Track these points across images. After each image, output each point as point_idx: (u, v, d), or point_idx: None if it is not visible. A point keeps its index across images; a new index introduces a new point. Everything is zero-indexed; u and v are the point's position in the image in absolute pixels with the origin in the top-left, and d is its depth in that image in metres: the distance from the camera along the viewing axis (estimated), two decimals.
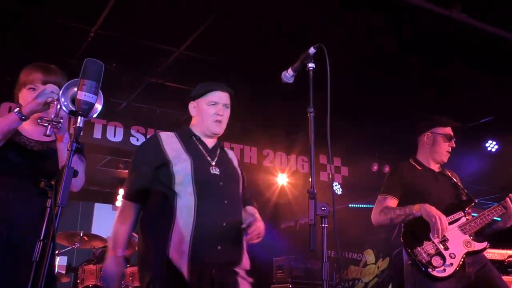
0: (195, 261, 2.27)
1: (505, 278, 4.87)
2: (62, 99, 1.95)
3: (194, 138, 2.59)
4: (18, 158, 2.34)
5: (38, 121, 2.21)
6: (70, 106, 1.95)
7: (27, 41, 4.97)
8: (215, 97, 2.62)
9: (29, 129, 2.41)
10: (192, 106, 2.69)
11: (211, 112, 2.58)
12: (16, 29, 4.75)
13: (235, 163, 2.73)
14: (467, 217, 3.20)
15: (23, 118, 2.16)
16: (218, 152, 2.62)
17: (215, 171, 2.49)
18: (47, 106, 2.17)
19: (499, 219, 3.25)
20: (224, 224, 2.39)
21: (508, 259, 4.68)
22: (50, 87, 2.23)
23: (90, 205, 9.67)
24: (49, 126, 2.15)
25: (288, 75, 2.27)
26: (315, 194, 1.87)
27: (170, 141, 2.53)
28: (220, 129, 2.62)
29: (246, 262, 2.49)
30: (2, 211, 2.27)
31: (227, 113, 2.64)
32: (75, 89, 1.96)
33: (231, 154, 2.77)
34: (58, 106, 2.09)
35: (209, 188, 2.42)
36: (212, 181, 2.45)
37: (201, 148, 2.57)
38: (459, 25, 4.35)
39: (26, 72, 2.44)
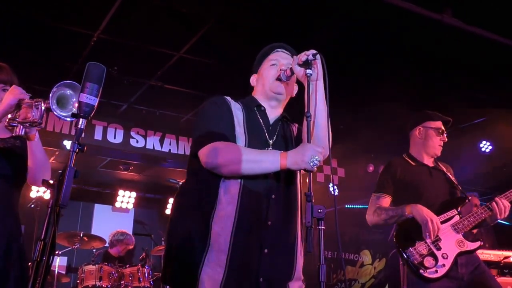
0: (234, 256, 2.00)
1: (501, 279, 4.86)
2: (51, 101, 2.01)
3: (256, 110, 2.30)
4: None
5: (7, 121, 2.24)
6: (57, 107, 2.01)
7: (30, 46, 5.02)
8: (274, 57, 2.36)
9: None
10: (253, 79, 2.43)
11: (271, 72, 2.31)
12: (19, 33, 4.80)
13: (294, 137, 2.39)
14: (460, 216, 3.16)
15: None
16: (278, 127, 2.31)
17: None
18: (18, 107, 2.22)
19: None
20: (269, 223, 2.09)
21: (504, 260, 4.65)
22: (18, 88, 2.26)
23: (90, 206, 9.68)
24: (21, 127, 2.20)
25: (287, 74, 2.23)
26: (312, 196, 1.86)
27: (235, 108, 2.25)
28: (282, 88, 2.29)
29: (298, 273, 2.18)
30: None
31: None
32: (64, 91, 2.03)
33: (294, 128, 2.44)
34: (43, 108, 2.13)
35: (256, 177, 2.09)
36: None
37: (262, 123, 2.27)
38: (450, 29, 4.39)
39: None
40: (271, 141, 2.24)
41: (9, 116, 2.25)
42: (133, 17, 4.56)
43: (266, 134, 2.25)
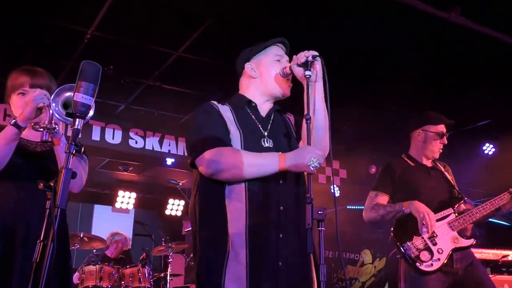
0: (253, 253, 2.00)
1: (499, 277, 4.98)
2: (53, 105, 1.99)
3: (247, 107, 2.27)
4: (21, 159, 2.36)
5: (33, 125, 2.23)
6: (62, 110, 1.99)
7: (24, 43, 4.96)
8: (279, 51, 2.32)
9: (26, 132, 2.41)
10: (249, 68, 2.31)
11: (277, 69, 2.26)
12: (12, 31, 4.74)
13: (292, 127, 2.38)
14: (456, 214, 3.28)
15: (21, 128, 2.20)
16: (272, 118, 2.30)
17: (267, 143, 2.18)
18: (40, 112, 2.19)
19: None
20: (281, 208, 2.09)
21: (502, 259, 4.77)
22: (40, 92, 2.24)
23: (90, 207, 9.68)
24: (44, 132, 2.19)
25: (286, 72, 2.22)
26: (312, 199, 1.86)
27: (224, 111, 2.22)
28: (289, 91, 2.30)
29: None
30: (18, 211, 2.31)
31: None
32: (66, 94, 2.00)
33: (290, 118, 2.43)
34: (51, 112, 2.11)
35: None
36: None
37: (254, 118, 2.25)
38: (457, 27, 4.36)
39: (13, 77, 2.45)
40: (265, 133, 2.22)
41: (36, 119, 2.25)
42: (129, 14, 4.50)
43: (260, 127, 2.23)
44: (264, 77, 2.29)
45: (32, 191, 2.35)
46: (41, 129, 2.19)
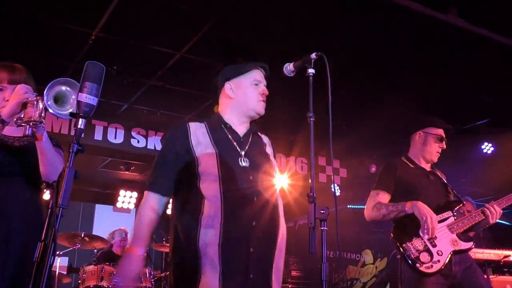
0: (226, 265, 2.06)
1: (501, 277, 4.96)
2: (45, 98, 2.00)
3: (224, 127, 2.34)
4: (0, 155, 2.34)
5: (14, 120, 2.21)
6: (53, 104, 2.01)
7: (29, 45, 5.00)
8: (258, 76, 2.41)
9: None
10: (228, 87, 2.39)
11: (255, 91, 2.37)
12: (17, 32, 4.78)
13: (268, 149, 2.48)
14: (455, 217, 3.28)
15: (4, 123, 2.19)
16: (250, 139, 2.38)
17: (244, 162, 2.25)
18: (24, 107, 2.19)
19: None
20: (254, 223, 2.16)
21: (504, 259, 4.75)
22: (23, 87, 2.23)
23: (91, 206, 9.68)
24: (28, 126, 2.18)
25: (289, 69, 2.27)
26: (314, 198, 1.88)
27: (198, 133, 2.28)
28: (264, 109, 2.40)
29: (279, 264, 2.25)
30: None
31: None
32: (58, 88, 2.02)
33: (265, 139, 2.52)
34: (41, 106, 2.12)
35: (235, 183, 2.17)
36: (239, 175, 2.19)
37: (230, 138, 2.32)
38: (455, 29, 4.38)
39: None
40: (242, 152, 2.29)
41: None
42: (132, 16, 4.53)
43: (237, 147, 2.30)
44: (240, 99, 2.37)
45: (12, 186, 2.35)
46: (25, 124, 2.18)
